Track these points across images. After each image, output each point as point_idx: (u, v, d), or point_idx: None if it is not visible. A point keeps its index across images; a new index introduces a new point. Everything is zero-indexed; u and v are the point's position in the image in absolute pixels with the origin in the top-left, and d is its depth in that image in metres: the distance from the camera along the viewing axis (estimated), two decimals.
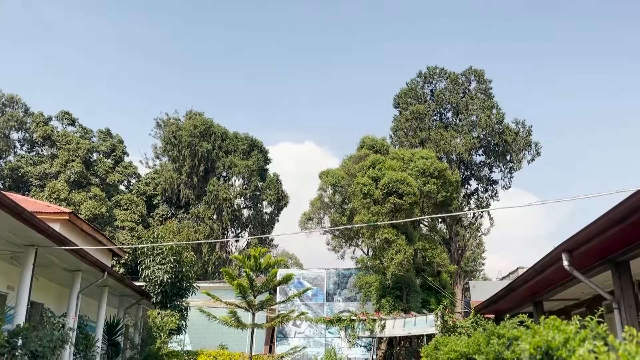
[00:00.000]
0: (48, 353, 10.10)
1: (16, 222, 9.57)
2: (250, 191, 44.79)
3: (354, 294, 29.77)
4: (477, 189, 36.39)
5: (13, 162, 42.50)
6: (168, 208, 44.14)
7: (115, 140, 46.13)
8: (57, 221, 16.77)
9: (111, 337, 17.80)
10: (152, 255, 18.89)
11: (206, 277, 38.91)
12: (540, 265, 9.03)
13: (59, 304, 16.41)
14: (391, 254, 22.49)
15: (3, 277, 13.53)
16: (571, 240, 7.43)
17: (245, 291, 9.50)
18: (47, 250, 11.59)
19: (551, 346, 4.04)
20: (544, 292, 11.34)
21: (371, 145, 26.82)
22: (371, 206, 22.99)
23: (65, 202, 36.86)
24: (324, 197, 31.28)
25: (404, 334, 20.13)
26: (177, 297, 19.41)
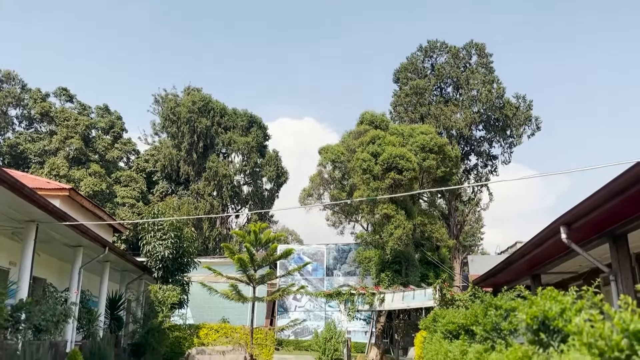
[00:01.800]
0: (51, 327, 10.23)
1: (16, 198, 9.59)
2: (249, 168, 44.78)
3: (354, 268, 30.06)
4: (476, 164, 36.38)
5: (12, 139, 42.37)
6: (168, 185, 44.19)
7: (113, 117, 45.90)
8: (57, 197, 16.81)
9: (113, 312, 18.02)
10: (153, 231, 18.98)
11: (207, 253, 39.20)
12: (538, 239, 9.07)
13: (61, 279, 16.58)
14: (390, 229, 22.60)
15: (5, 253, 13.63)
16: (569, 213, 7.45)
17: (246, 265, 9.58)
18: (48, 226, 11.65)
19: (548, 316, 4.09)
20: (542, 265, 11.44)
21: (371, 121, 26.70)
22: (371, 182, 23.00)
23: (65, 178, 36.87)
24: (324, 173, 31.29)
25: (403, 307, 20.35)
26: (178, 272, 19.58)
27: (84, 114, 44.48)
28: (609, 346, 2.50)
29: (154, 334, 16.95)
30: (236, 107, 46.29)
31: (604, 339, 2.54)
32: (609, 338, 2.51)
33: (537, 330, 4.18)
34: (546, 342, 4.12)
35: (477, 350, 6.08)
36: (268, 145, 47.08)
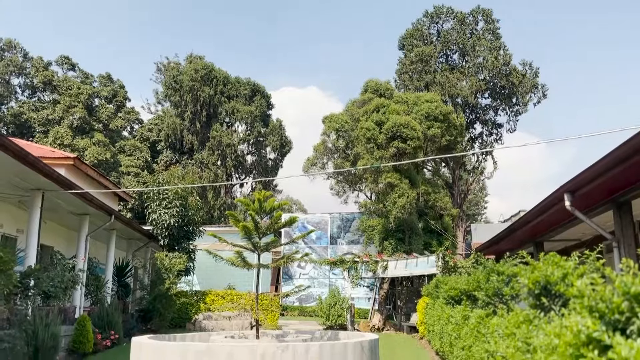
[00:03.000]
0: (60, 293, 10.44)
1: (21, 166, 9.64)
2: (253, 137, 44.67)
3: (357, 237, 30.29)
4: (481, 132, 36.16)
5: (15, 108, 42.27)
6: (172, 154, 44.22)
7: (116, 85, 45.61)
8: (62, 166, 16.87)
9: (121, 279, 18.31)
10: (158, 199, 19.11)
11: (212, 222, 39.52)
12: (542, 206, 9.09)
13: (68, 247, 16.80)
14: (394, 198, 22.64)
15: (12, 221, 13.79)
16: (574, 180, 7.44)
17: (251, 233, 9.62)
18: (54, 194, 11.74)
19: (550, 281, 4.12)
20: (545, 232, 11.49)
21: (375, 89, 26.42)
22: (375, 151, 22.92)
23: (70, 148, 36.94)
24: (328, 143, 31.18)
25: (406, 274, 20.58)
26: (184, 240, 19.81)
27: (87, 83, 44.23)
28: (609, 308, 2.52)
29: (161, 300, 17.27)
30: (239, 75, 45.92)
31: (605, 301, 2.56)
32: (610, 300, 2.53)
33: (539, 294, 4.22)
34: (547, 306, 4.17)
35: (479, 315, 6.17)
36: (272, 115, 46.88)
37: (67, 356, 11.03)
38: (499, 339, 4.76)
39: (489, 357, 4.93)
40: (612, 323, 2.54)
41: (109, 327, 13.09)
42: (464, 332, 6.74)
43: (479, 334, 5.71)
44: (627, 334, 2.47)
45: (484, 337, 5.44)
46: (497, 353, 4.58)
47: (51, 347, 8.84)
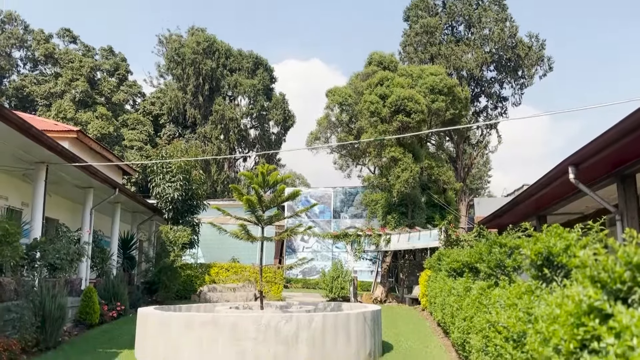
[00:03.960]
0: (66, 265, 10.55)
1: (24, 139, 9.64)
2: (256, 111, 44.43)
3: (360, 211, 30.39)
4: (486, 106, 35.87)
5: (17, 82, 42.07)
6: (175, 128, 44.11)
7: (118, 58, 45.23)
8: (65, 139, 16.88)
9: (126, 251, 18.49)
10: (162, 173, 19.14)
11: (215, 196, 39.66)
12: (546, 179, 9.06)
13: (73, 220, 16.93)
14: (397, 172, 22.60)
15: (17, 194, 13.87)
16: (578, 153, 7.40)
17: (254, 206, 9.67)
18: (58, 167, 11.77)
19: (552, 252, 4.13)
20: (548, 206, 11.49)
21: (379, 62, 26.10)
22: (378, 124, 22.79)
23: (72, 121, 36.87)
24: (331, 116, 31.01)
25: (408, 247, 20.70)
26: (188, 214, 19.91)
27: (88, 56, 43.88)
28: (611, 278, 2.53)
29: (167, 272, 17.46)
30: (241, 48, 45.43)
31: (607, 271, 2.57)
32: (612, 270, 2.53)
33: (541, 266, 4.24)
34: (549, 277, 4.19)
35: (481, 287, 6.21)
36: (274, 88, 46.50)
37: (74, 327, 11.22)
38: (500, 310, 4.80)
39: (490, 328, 4.98)
40: (614, 292, 2.55)
41: (115, 299, 13.28)
42: (465, 303, 6.80)
43: (481, 305, 5.76)
44: (629, 303, 2.48)
45: (486, 308, 5.49)
46: (499, 323, 4.62)
47: (58, 318, 8.98)
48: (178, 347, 7.41)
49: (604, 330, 2.38)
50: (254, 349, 7.16)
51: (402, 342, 9.93)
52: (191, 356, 7.26)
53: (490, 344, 4.87)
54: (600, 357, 2.35)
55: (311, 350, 7.33)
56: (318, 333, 7.44)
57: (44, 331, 8.72)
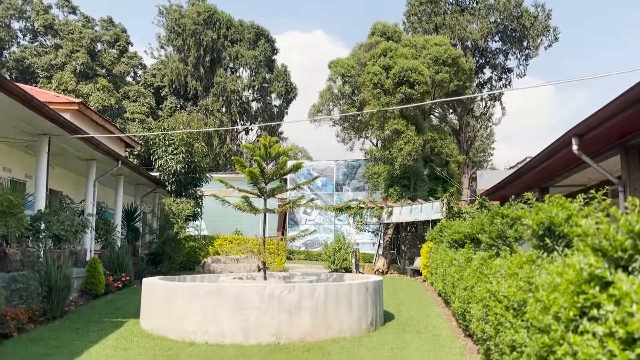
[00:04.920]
0: (70, 236, 10.64)
1: (26, 111, 9.61)
2: (258, 83, 44.07)
3: (363, 184, 30.43)
4: (490, 77, 35.50)
5: (17, 53, 41.70)
6: (176, 100, 43.87)
7: (118, 30, 44.69)
8: (67, 111, 16.81)
9: (130, 223, 18.62)
10: (164, 145, 19.12)
11: (218, 169, 39.72)
12: (549, 150, 9.02)
13: (77, 192, 17.00)
14: (400, 144, 22.54)
15: (20, 166, 13.90)
16: (582, 124, 7.34)
17: (257, 178, 9.67)
18: (60, 139, 11.76)
19: (554, 222, 4.14)
20: (551, 178, 11.47)
21: (383, 32, 25.75)
22: (381, 96, 22.61)
23: (74, 93, 36.69)
24: (333, 88, 30.77)
25: (410, 220, 20.79)
26: (191, 187, 19.98)
27: (88, 27, 43.36)
28: (612, 246, 2.54)
29: (170, 244, 17.62)
30: (242, 18, 44.78)
31: (609, 239, 2.57)
32: (614, 239, 2.54)
33: (543, 235, 4.26)
34: (551, 247, 4.21)
35: (482, 257, 6.26)
36: (276, 60, 46.01)
37: (80, 297, 11.39)
38: (501, 279, 4.84)
39: (490, 297, 5.04)
40: (615, 260, 2.57)
41: (120, 270, 13.43)
42: (466, 273, 6.87)
43: (482, 274, 5.81)
44: (629, 270, 2.50)
45: (486, 278, 5.54)
46: (499, 293, 4.67)
47: (64, 288, 9.10)
48: (183, 316, 7.53)
49: (603, 298, 2.41)
50: (257, 317, 7.27)
51: (403, 312, 10.07)
52: (196, 325, 7.38)
53: (491, 313, 4.93)
54: (599, 324, 2.38)
55: (314, 319, 7.45)
56: (320, 303, 7.55)
57: (50, 301, 8.86)
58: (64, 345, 6.97)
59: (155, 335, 7.66)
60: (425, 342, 7.28)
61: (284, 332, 7.28)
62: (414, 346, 7.01)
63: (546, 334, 3.17)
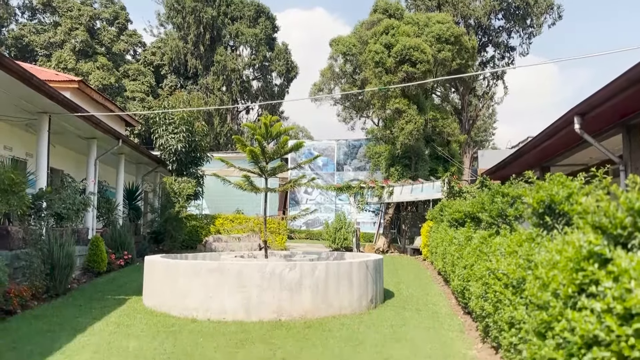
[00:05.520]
0: (72, 215, 10.69)
1: (26, 89, 9.56)
2: (258, 62, 43.70)
3: (364, 163, 30.41)
4: (493, 56, 35.16)
5: (16, 31, 41.29)
6: (176, 79, 43.57)
7: (117, 7, 44.16)
8: (67, 89, 16.74)
9: (131, 202, 18.67)
10: (165, 124, 19.06)
11: (219, 148, 39.66)
12: (551, 129, 8.98)
13: (78, 171, 17.03)
14: (401, 124, 22.44)
15: (21, 144, 13.89)
16: (585, 103, 7.29)
17: (258, 157, 9.66)
18: (60, 118, 11.73)
19: (554, 200, 4.15)
20: (552, 157, 11.45)
21: (385, 9, 25.42)
22: (383, 75, 22.43)
23: (73, 72, 36.44)
24: (335, 67, 30.54)
25: (411, 199, 20.82)
26: (192, 166, 19.98)
27: (87, 4, 42.83)
28: (612, 224, 2.54)
29: (172, 222, 17.70)
30: None
31: (609, 217, 2.58)
32: (614, 216, 2.55)
33: (543, 214, 4.27)
34: (551, 225, 4.23)
35: (482, 236, 6.28)
36: (277, 38, 45.52)
37: (83, 275, 11.49)
38: (500, 257, 4.87)
39: (489, 275, 5.07)
40: (614, 238, 2.58)
41: (122, 248, 13.52)
42: (466, 252, 6.90)
43: (481, 253, 5.84)
44: (629, 247, 2.51)
45: (486, 256, 5.57)
46: (499, 270, 4.70)
47: (67, 266, 9.17)
48: (185, 294, 7.60)
49: (602, 275, 2.42)
50: (259, 295, 7.34)
51: (403, 290, 10.16)
52: (198, 302, 7.46)
53: (490, 290, 4.97)
54: (597, 301, 2.40)
55: (314, 297, 7.52)
56: (321, 280, 7.61)
57: (53, 278, 8.94)
58: (67, 321, 7.05)
59: (158, 312, 7.75)
60: (425, 319, 7.36)
61: (285, 309, 7.36)
62: (413, 323, 7.09)
63: (545, 311, 3.20)
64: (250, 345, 5.82)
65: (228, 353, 5.49)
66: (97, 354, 5.41)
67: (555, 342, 2.92)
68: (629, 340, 2.07)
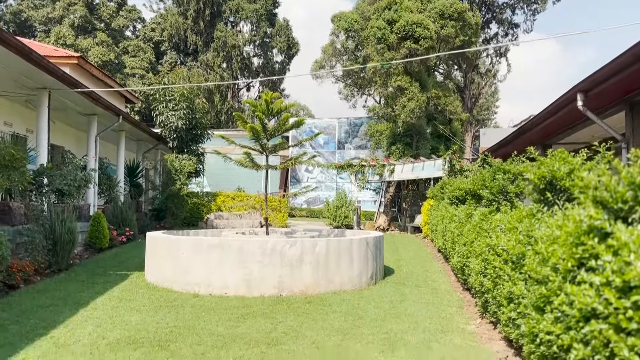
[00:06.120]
0: (74, 191, 10.71)
1: (25, 64, 9.49)
2: (259, 38, 43.23)
3: (365, 142, 30.32)
4: (497, 33, 34.76)
5: (14, 6, 40.82)
6: (176, 55, 43.20)
7: None
8: (66, 65, 16.61)
9: (132, 179, 18.68)
10: (165, 101, 18.97)
11: (219, 126, 39.54)
12: (554, 107, 8.92)
13: (79, 148, 17.01)
14: (403, 101, 22.30)
15: (21, 120, 13.85)
16: (588, 79, 7.22)
17: (259, 134, 9.62)
18: (60, 94, 11.66)
19: (556, 176, 4.14)
20: (554, 135, 11.40)
21: None
22: (385, 52, 22.21)
23: (72, 48, 36.13)
24: (336, 43, 30.20)
25: (412, 177, 20.82)
26: (192, 143, 19.94)
27: None
28: (613, 198, 2.54)
29: (173, 199, 17.74)
30: None
31: (610, 191, 2.57)
32: (615, 190, 2.54)
33: (544, 190, 4.26)
34: (551, 201, 4.23)
35: (482, 213, 6.29)
36: (278, 14, 45.00)
37: (85, 250, 11.56)
38: (500, 234, 4.88)
39: (489, 251, 5.09)
40: (615, 212, 2.57)
41: (124, 224, 13.57)
42: (466, 229, 6.92)
43: (481, 230, 5.85)
44: (629, 222, 2.51)
45: (486, 233, 5.59)
46: (498, 246, 4.72)
47: (69, 241, 9.21)
48: (187, 270, 7.66)
49: (602, 249, 2.43)
50: (260, 271, 7.40)
51: (403, 267, 10.23)
52: (200, 278, 7.52)
53: (489, 266, 5.00)
54: (596, 274, 2.41)
55: (315, 273, 7.57)
56: (322, 257, 7.65)
57: (55, 254, 8.99)
58: (70, 296, 7.12)
59: (160, 287, 7.82)
60: (424, 295, 7.42)
61: (286, 285, 7.42)
62: (412, 299, 7.16)
63: (544, 285, 3.22)
64: (251, 320, 5.89)
65: (230, 327, 5.55)
66: (99, 328, 5.47)
67: (553, 315, 2.94)
68: (627, 312, 2.08)
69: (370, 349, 4.84)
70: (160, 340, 5.02)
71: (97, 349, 4.75)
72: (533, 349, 3.40)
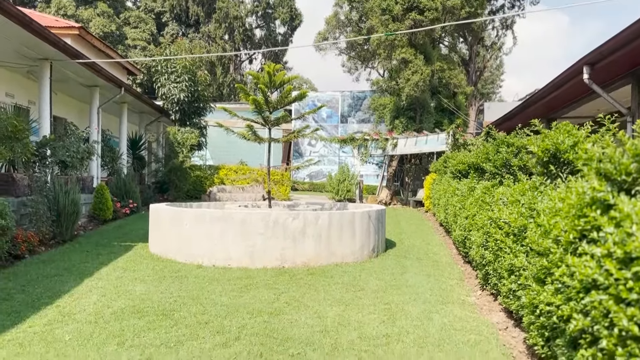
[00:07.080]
0: (77, 163, 10.72)
1: (26, 34, 9.39)
2: (261, 9, 42.62)
3: (368, 115, 30.13)
4: (503, 5, 34.13)
5: None
6: (178, 26, 42.67)
7: None
8: (67, 36, 16.45)
9: (135, 152, 18.69)
10: (167, 73, 18.82)
11: (222, 99, 39.31)
12: (559, 80, 8.82)
13: (81, 119, 16.97)
14: (407, 74, 22.07)
15: (23, 92, 13.78)
16: (594, 52, 7.12)
17: (261, 107, 9.55)
18: (62, 64, 11.57)
19: (559, 149, 4.12)
20: (559, 109, 11.30)
21: None
22: (390, 23, 21.88)
23: (73, 18, 35.68)
24: (340, 14, 29.76)
25: (415, 151, 20.77)
26: (195, 116, 19.87)
27: None
28: (617, 170, 2.52)
29: (176, 172, 17.78)
30: None
31: (614, 163, 2.56)
32: (619, 162, 2.53)
33: (547, 162, 4.25)
34: (555, 173, 4.21)
35: (485, 186, 6.29)
36: None
37: (89, 222, 11.64)
38: (502, 207, 4.89)
39: (491, 224, 5.11)
40: (619, 184, 2.56)
41: (127, 196, 13.64)
42: (468, 202, 6.93)
43: (484, 203, 5.86)
44: (632, 194, 2.50)
45: (488, 206, 5.60)
46: (500, 219, 4.73)
47: (73, 213, 9.27)
48: (190, 241, 7.72)
49: (604, 221, 2.43)
50: (263, 243, 7.45)
51: (404, 240, 10.28)
52: (203, 250, 7.58)
53: (491, 239, 5.02)
54: (598, 246, 2.41)
55: (317, 246, 7.62)
56: (324, 230, 7.69)
57: (59, 225, 9.06)
58: (75, 266, 7.20)
59: (164, 258, 7.89)
60: (425, 268, 7.48)
61: (288, 257, 7.48)
62: (414, 271, 7.22)
63: (545, 257, 3.24)
64: (254, 290, 5.96)
65: (233, 297, 5.62)
66: (104, 297, 5.55)
67: (554, 287, 2.97)
68: (627, 283, 2.10)
69: (371, 319, 4.91)
70: (165, 310, 5.10)
71: (102, 318, 4.82)
72: (533, 320, 3.44)
